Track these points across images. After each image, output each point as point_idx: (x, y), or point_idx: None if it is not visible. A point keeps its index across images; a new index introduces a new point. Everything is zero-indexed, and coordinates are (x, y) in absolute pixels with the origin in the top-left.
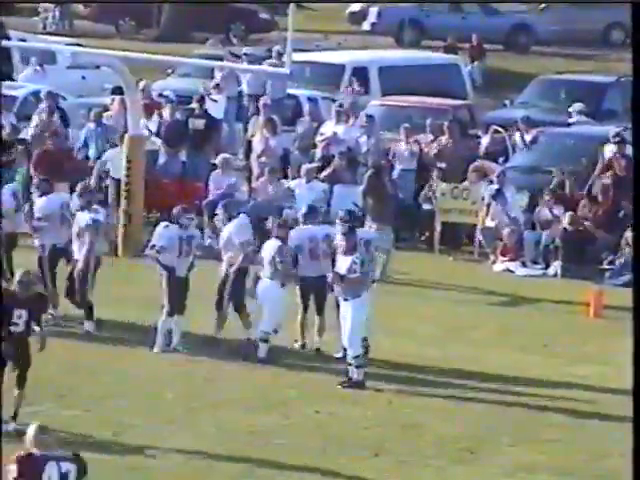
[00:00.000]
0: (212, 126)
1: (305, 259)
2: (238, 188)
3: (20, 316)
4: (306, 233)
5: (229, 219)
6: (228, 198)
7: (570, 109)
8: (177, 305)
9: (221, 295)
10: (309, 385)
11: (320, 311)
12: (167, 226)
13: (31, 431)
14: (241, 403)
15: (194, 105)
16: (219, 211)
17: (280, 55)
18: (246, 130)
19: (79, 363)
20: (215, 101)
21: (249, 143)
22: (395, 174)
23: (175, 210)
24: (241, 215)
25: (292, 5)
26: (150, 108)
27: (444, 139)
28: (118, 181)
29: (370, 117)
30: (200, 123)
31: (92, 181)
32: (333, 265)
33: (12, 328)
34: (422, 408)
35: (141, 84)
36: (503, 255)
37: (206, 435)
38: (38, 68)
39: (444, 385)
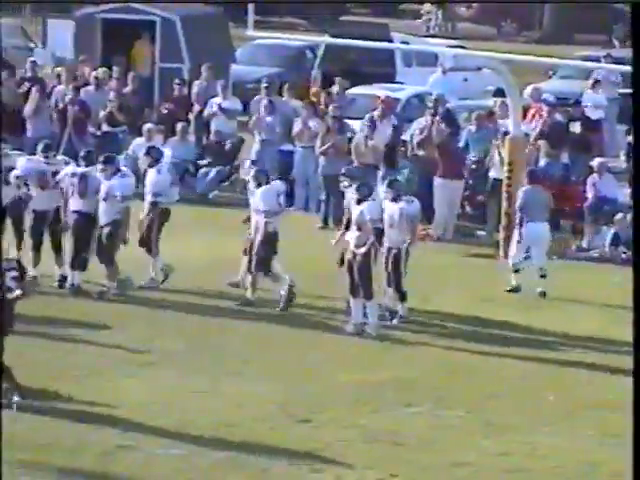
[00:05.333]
0: (591, 129)
1: None
2: (617, 192)
3: None
4: None
5: None
6: (607, 203)
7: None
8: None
9: None
10: None
11: None
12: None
13: None
14: (620, 406)
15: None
16: None
17: None
18: (628, 133)
19: (456, 362)
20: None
21: (630, 145)
22: None
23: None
24: None
25: None
26: (526, 111)
27: None
28: (499, 181)
29: None
30: (578, 126)
31: None
32: None
33: None
34: None
35: (530, 87)
36: None
37: (586, 437)
38: (443, 71)
39: None
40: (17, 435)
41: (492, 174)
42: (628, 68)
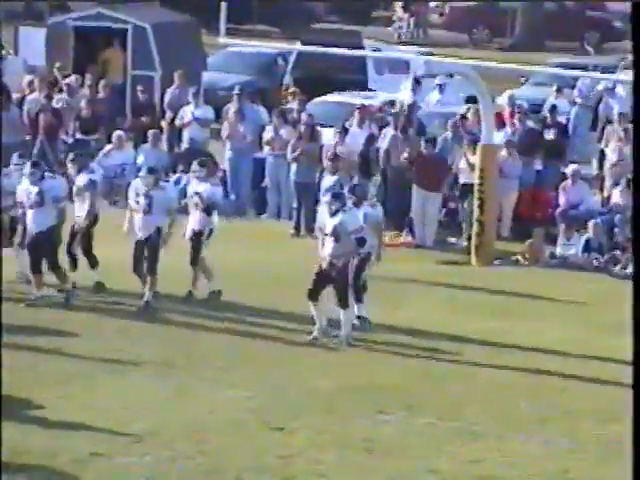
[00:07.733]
0: (564, 135)
1: None
2: (589, 199)
3: None
4: None
5: None
6: (578, 209)
7: None
8: None
9: None
10: None
11: None
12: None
13: None
14: (593, 413)
15: (546, 114)
16: None
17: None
18: (600, 139)
19: (429, 370)
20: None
21: (602, 152)
22: None
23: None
24: None
25: None
26: (501, 117)
27: None
28: (469, 186)
29: None
30: (552, 132)
31: None
32: None
33: None
34: None
35: (506, 93)
36: None
37: (558, 444)
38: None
39: None
40: None
41: (461, 179)
42: (600, 75)
